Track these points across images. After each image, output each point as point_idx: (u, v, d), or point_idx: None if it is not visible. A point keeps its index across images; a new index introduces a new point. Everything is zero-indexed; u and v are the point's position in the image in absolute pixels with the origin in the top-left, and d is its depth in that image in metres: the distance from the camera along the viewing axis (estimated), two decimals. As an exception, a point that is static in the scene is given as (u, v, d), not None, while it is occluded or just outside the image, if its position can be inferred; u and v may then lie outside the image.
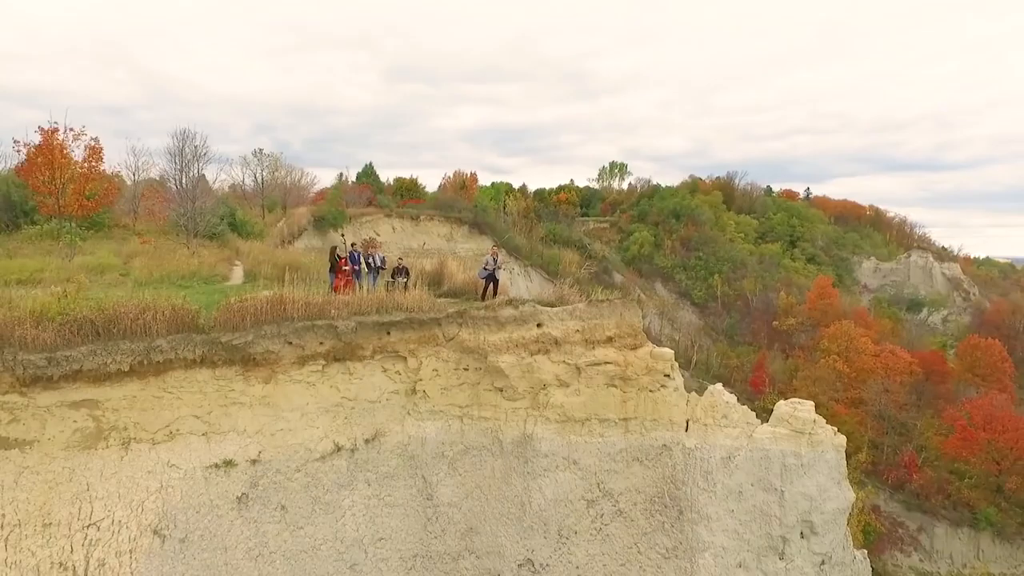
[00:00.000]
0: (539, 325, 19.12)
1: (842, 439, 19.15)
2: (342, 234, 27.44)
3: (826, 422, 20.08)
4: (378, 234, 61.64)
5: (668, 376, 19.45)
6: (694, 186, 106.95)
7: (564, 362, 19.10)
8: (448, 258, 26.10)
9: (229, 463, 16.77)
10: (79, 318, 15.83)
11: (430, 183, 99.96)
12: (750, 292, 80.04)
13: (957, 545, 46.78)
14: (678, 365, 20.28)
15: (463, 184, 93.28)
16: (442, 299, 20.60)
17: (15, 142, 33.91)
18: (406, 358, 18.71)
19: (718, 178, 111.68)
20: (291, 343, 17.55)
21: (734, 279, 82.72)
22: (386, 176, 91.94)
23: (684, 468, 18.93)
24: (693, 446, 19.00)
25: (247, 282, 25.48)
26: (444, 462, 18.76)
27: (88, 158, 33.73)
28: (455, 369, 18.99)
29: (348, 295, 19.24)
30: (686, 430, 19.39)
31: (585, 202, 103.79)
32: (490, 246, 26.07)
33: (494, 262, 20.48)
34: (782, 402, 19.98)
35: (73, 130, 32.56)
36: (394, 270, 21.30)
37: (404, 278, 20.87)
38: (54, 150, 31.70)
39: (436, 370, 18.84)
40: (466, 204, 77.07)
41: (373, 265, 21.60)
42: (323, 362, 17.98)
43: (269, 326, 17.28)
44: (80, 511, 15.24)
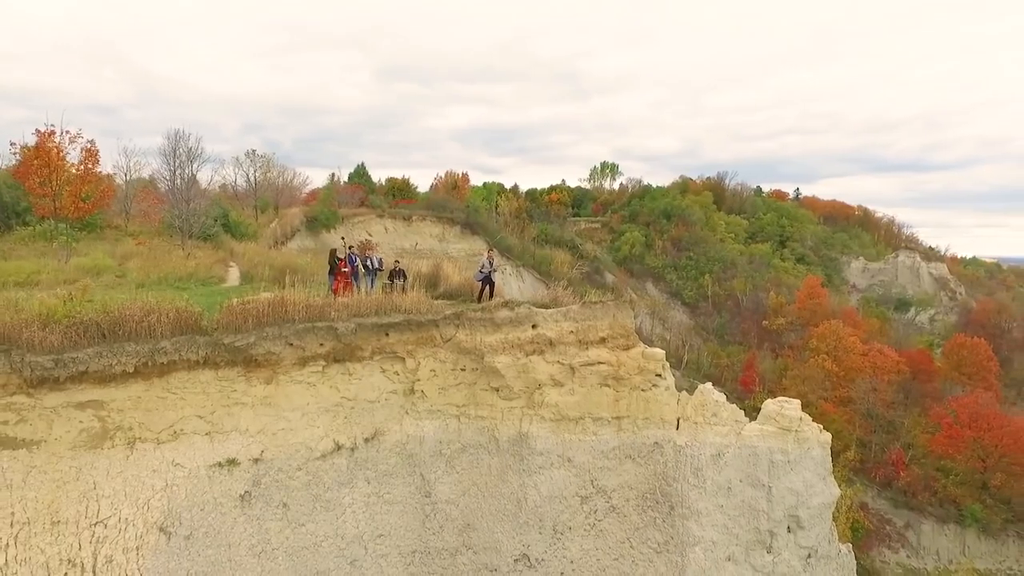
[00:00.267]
0: (534, 326, 19.60)
1: (827, 436, 19.73)
2: (342, 237, 27.77)
3: (815, 420, 20.65)
4: (370, 234, 61.83)
5: (659, 376, 19.97)
6: (685, 186, 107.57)
7: (558, 362, 19.60)
8: (444, 260, 26.53)
9: (232, 462, 17.15)
10: (85, 320, 16.14)
11: (421, 183, 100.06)
12: (740, 292, 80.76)
13: (943, 541, 47.30)
14: (669, 365, 20.83)
15: (455, 184, 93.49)
16: (439, 301, 21.04)
17: (12, 144, 34.19)
18: (404, 359, 19.14)
19: (708, 178, 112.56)
20: (292, 344, 17.95)
21: (724, 279, 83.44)
22: (377, 176, 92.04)
23: (675, 465, 19.45)
24: (684, 444, 19.52)
25: (244, 284, 25.64)
26: (442, 460, 19.22)
27: (84, 160, 34.02)
28: (452, 369, 19.44)
29: (347, 297, 19.66)
30: (677, 428, 19.92)
31: (576, 202, 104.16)
32: (484, 248, 26.53)
33: (490, 265, 20.91)
34: (769, 400, 20.53)
35: (69, 132, 32.87)
36: (391, 272, 21.70)
37: (401, 280, 21.30)
38: (50, 152, 31.95)
39: (434, 370, 19.29)
40: (458, 204, 77.21)
41: (371, 268, 22.00)
42: (323, 363, 18.38)
43: (271, 328, 17.67)
44: (87, 509, 15.59)
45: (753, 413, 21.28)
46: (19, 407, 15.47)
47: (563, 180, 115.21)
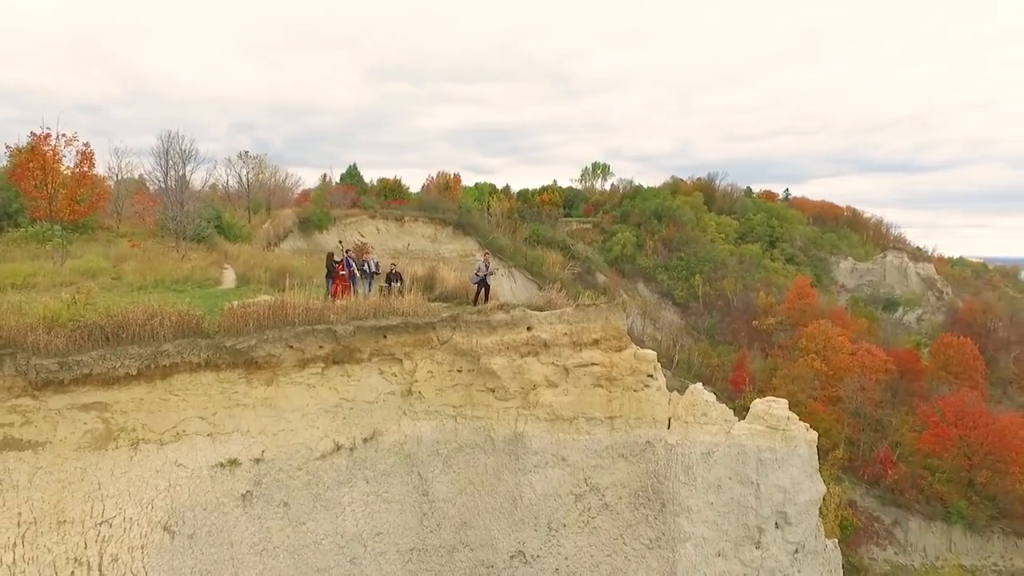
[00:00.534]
0: (529, 328, 20.05)
1: (814, 435, 20.29)
2: (339, 241, 28.13)
3: (804, 419, 21.21)
4: (363, 235, 62.03)
5: (651, 376, 20.48)
6: (675, 187, 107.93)
7: (553, 364, 20.06)
8: (439, 263, 26.92)
9: (234, 462, 17.51)
10: (89, 324, 16.42)
11: (413, 183, 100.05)
12: (730, 292, 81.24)
13: (930, 538, 47.88)
14: (660, 365, 21.33)
15: (447, 185, 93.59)
16: (435, 303, 21.46)
17: (7, 147, 34.31)
18: (402, 360, 19.53)
19: (699, 179, 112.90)
20: (292, 347, 18.30)
21: (715, 279, 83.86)
22: (369, 176, 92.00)
23: (666, 463, 19.96)
24: (675, 442, 20.04)
25: (240, 286, 25.80)
26: (439, 460, 19.63)
27: (80, 163, 34.15)
28: (449, 371, 19.84)
29: (345, 300, 20.04)
30: (668, 427, 20.43)
31: (568, 203, 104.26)
32: (476, 249, 26.97)
33: (486, 268, 21.34)
34: (758, 400, 21.08)
35: (65, 135, 32.99)
36: (388, 275, 22.09)
37: (398, 283, 21.68)
38: (46, 155, 32.07)
39: (431, 372, 19.69)
40: (450, 205, 77.23)
41: (368, 271, 22.37)
42: (322, 365, 18.75)
43: (271, 330, 18.02)
44: (93, 509, 15.92)
45: (743, 412, 21.84)
46: (24, 409, 15.75)
47: (554, 180, 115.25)
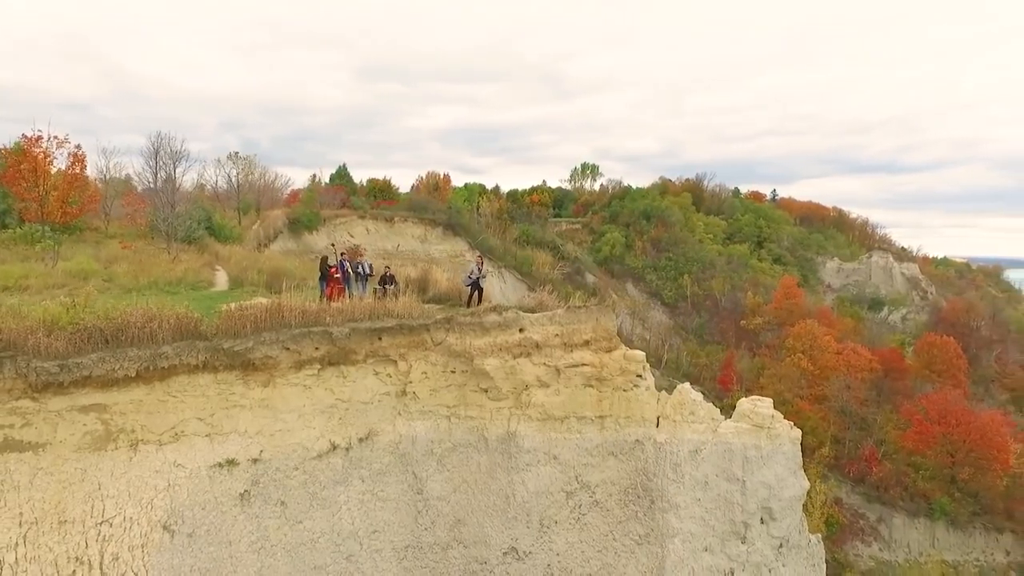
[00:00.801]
0: (521, 330, 20.47)
1: (798, 432, 20.85)
2: (331, 244, 28.43)
3: (791, 418, 21.76)
4: (352, 236, 62.13)
5: (640, 376, 20.97)
6: (664, 188, 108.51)
7: (544, 364, 20.49)
8: (432, 266, 27.31)
9: (232, 462, 17.79)
10: (88, 327, 16.65)
11: (403, 183, 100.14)
12: (718, 292, 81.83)
13: (914, 534, 48.61)
14: (649, 364, 21.83)
15: (436, 185, 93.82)
16: (429, 305, 21.84)
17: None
18: (397, 362, 19.88)
19: (688, 180, 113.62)
20: (288, 348, 18.61)
21: (703, 279, 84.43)
22: (358, 177, 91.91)
23: (655, 461, 20.46)
24: (663, 441, 20.54)
25: (233, 288, 25.97)
26: (433, 459, 20.00)
27: (71, 165, 34.24)
28: (443, 372, 20.22)
29: (340, 302, 20.37)
30: (657, 426, 20.93)
31: (557, 203, 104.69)
32: (468, 252, 27.36)
33: (479, 270, 21.73)
34: (743, 399, 21.63)
35: (57, 138, 33.09)
36: (382, 278, 22.40)
37: (392, 285, 22.01)
38: (37, 157, 32.15)
39: (425, 373, 20.05)
40: (440, 205, 77.29)
41: (362, 273, 22.67)
42: (318, 366, 19.06)
43: (268, 333, 18.31)
44: (93, 509, 16.16)
45: (731, 411, 22.37)
46: (24, 411, 15.94)
47: (544, 181, 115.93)
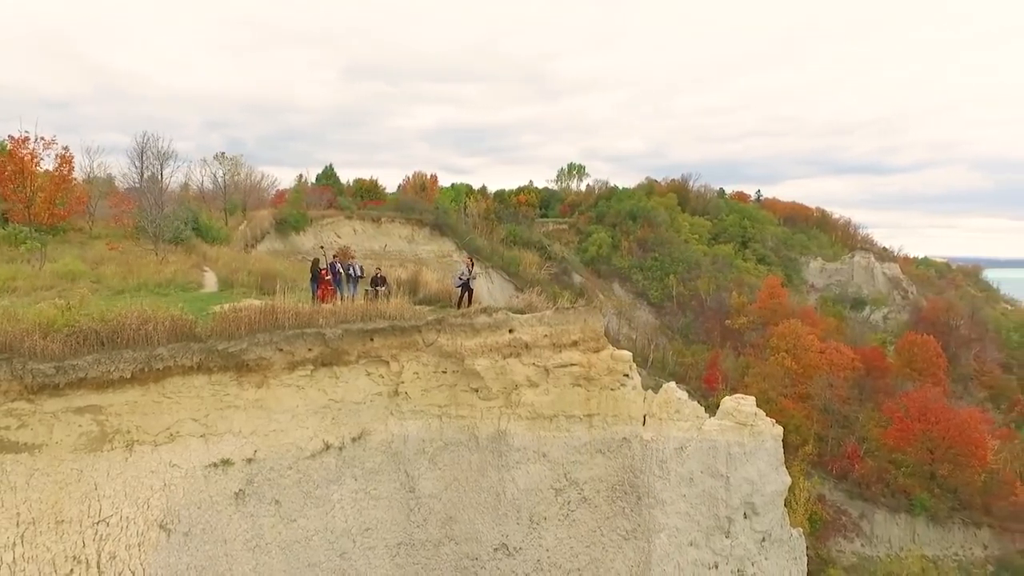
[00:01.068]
0: (511, 331, 20.86)
1: (779, 429, 21.42)
2: (320, 246, 28.71)
3: (775, 416, 22.31)
4: (339, 236, 62.20)
5: (627, 376, 21.45)
6: (650, 188, 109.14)
7: (534, 364, 20.90)
8: (422, 267, 27.64)
9: (226, 462, 18.05)
10: (84, 329, 16.83)
11: (389, 183, 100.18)
12: (704, 292, 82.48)
13: (895, 530, 49.46)
14: (636, 364, 22.31)
15: (423, 185, 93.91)
16: (420, 306, 22.17)
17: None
18: (388, 362, 20.20)
19: (673, 180, 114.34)
20: (282, 350, 18.89)
21: (689, 279, 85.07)
22: (345, 176, 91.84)
23: (642, 458, 20.94)
24: (650, 438, 21.03)
25: (223, 289, 26.03)
26: (425, 457, 20.36)
27: (59, 167, 34.19)
28: (434, 372, 20.56)
29: (332, 304, 20.67)
30: (643, 424, 21.42)
31: (544, 203, 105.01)
32: (456, 252, 27.72)
33: (469, 272, 22.09)
34: (727, 397, 22.18)
35: (44, 139, 33.05)
36: (373, 279, 22.71)
37: (383, 287, 22.33)
38: (24, 159, 32.09)
39: (416, 373, 20.39)
40: (427, 206, 77.40)
41: (352, 275, 22.93)
42: (311, 367, 19.34)
43: (262, 334, 18.58)
44: (90, 508, 16.35)
45: (716, 410, 22.91)
46: (20, 412, 16.08)
47: (531, 181, 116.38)
